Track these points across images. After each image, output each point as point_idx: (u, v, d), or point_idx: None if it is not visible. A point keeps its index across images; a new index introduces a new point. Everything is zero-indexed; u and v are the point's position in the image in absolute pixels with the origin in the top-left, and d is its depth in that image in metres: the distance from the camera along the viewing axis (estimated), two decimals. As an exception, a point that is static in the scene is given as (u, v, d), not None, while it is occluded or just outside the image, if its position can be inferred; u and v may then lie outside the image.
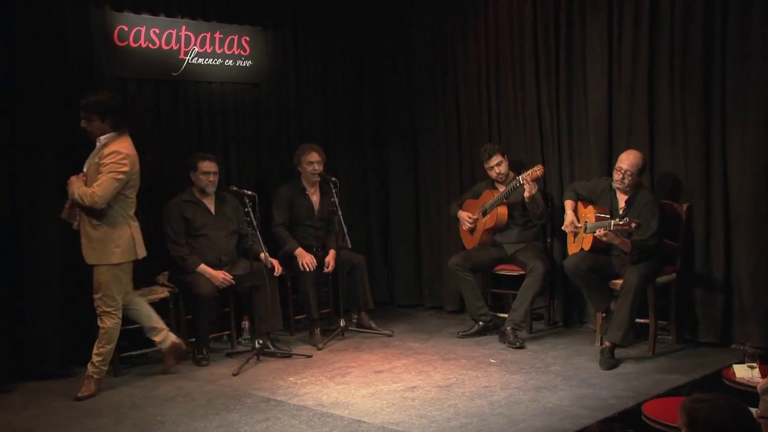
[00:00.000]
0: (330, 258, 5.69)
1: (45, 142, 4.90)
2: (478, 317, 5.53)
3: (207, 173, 5.33)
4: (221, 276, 5.21)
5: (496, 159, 5.50)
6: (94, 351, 4.60)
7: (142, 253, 4.67)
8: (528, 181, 5.21)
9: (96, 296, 4.59)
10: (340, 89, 6.71)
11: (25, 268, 4.88)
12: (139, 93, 5.56)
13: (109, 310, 4.59)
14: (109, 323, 4.59)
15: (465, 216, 5.75)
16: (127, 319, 4.97)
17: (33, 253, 4.88)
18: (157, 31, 5.56)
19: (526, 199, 5.33)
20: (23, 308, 4.85)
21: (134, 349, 5.16)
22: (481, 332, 5.51)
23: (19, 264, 4.88)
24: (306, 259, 5.56)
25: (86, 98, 4.52)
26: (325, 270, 5.69)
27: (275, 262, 5.34)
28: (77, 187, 4.51)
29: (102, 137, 4.54)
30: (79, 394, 4.51)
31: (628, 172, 4.85)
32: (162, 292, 5.23)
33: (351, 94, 6.78)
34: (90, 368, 4.58)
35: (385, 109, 6.82)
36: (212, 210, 5.42)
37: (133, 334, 5.17)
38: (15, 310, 4.80)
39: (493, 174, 5.54)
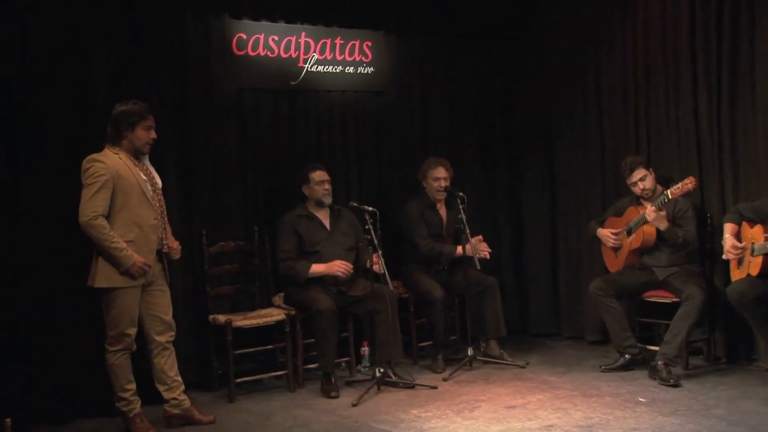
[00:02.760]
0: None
1: (165, 155, 5.04)
2: (624, 349, 5.32)
3: (321, 182, 5.33)
4: (337, 264, 5.16)
5: (639, 173, 5.29)
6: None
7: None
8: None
9: None
10: (469, 98, 6.64)
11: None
12: (257, 104, 5.65)
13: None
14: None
15: (607, 233, 5.56)
16: (241, 343, 5.06)
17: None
18: (276, 38, 5.65)
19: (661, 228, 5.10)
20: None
21: (250, 374, 5.24)
22: (627, 366, 5.31)
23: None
24: (481, 247, 5.54)
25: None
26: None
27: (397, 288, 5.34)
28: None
29: None
30: None
31: None
32: (278, 314, 5.24)
33: (480, 103, 6.70)
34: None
35: (518, 120, 6.72)
36: (327, 225, 5.43)
37: (248, 359, 5.27)
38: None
39: (637, 190, 5.34)
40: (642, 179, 5.30)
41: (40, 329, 4.67)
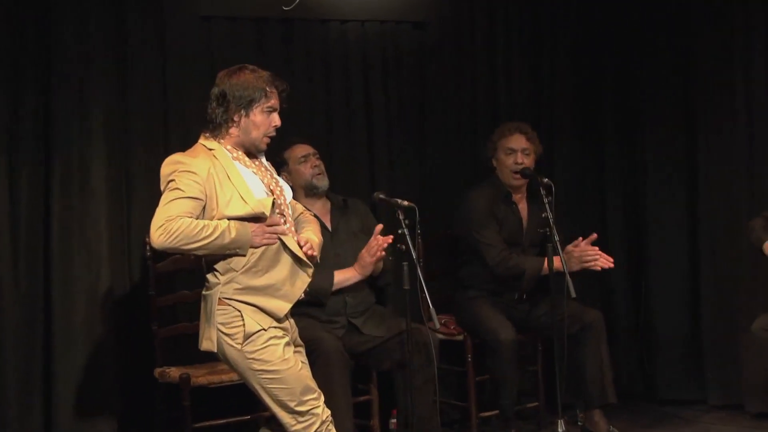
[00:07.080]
0: None
1: (89, 122, 4.71)
2: (810, 425, 4.70)
3: (305, 157, 4.89)
4: (377, 240, 4.60)
5: None
6: None
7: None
8: None
9: None
10: (562, 39, 5.99)
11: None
12: (231, 41, 5.18)
13: None
14: None
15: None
16: (205, 412, 4.70)
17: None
18: (259, -62, 5.15)
19: None
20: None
21: None
22: (816, 453, 4.73)
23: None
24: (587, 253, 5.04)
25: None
26: None
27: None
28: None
29: None
30: None
31: None
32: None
33: (579, 48, 6.05)
34: None
35: (639, 77, 6.12)
36: (327, 223, 4.99)
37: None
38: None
39: None
40: None
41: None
